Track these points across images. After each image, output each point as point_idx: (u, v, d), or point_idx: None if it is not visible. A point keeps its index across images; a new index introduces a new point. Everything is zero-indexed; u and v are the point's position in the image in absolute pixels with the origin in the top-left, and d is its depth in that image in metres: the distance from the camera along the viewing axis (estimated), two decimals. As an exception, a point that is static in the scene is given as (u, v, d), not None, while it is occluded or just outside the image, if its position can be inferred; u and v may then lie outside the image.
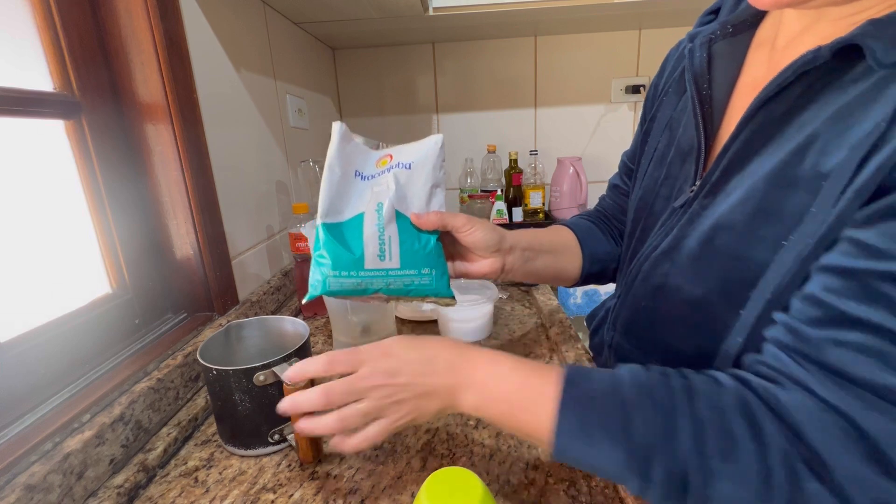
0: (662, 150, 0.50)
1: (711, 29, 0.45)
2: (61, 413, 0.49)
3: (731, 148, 0.39)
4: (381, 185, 0.49)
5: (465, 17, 1.22)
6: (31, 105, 0.54)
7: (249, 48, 0.95)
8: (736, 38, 0.44)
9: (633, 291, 0.50)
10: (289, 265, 1.07)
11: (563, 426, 0.35)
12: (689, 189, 0.44)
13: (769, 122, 0.37)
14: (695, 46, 0.45)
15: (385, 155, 0.51)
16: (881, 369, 0.27)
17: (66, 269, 0.59)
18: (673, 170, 0.48)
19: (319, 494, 0.47)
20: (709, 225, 0.40)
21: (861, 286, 0.28)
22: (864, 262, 0.28)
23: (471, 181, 1.62)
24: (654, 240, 0.48)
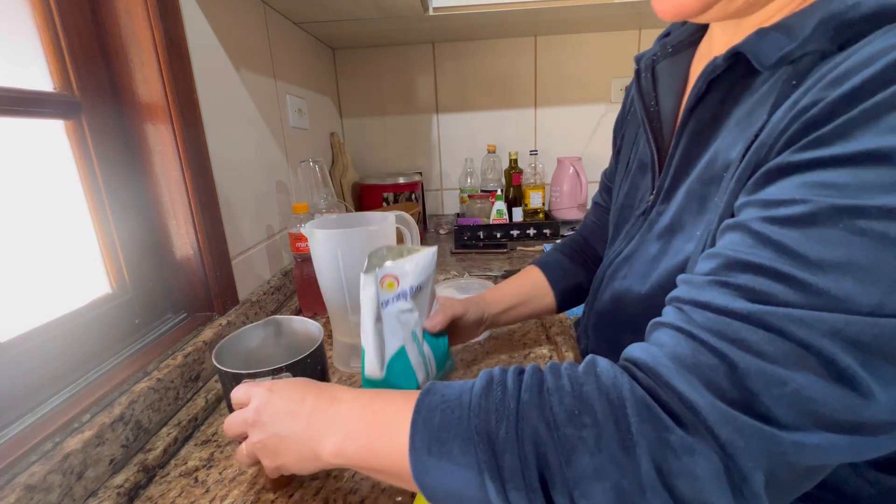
0: (630, 165, 0.55)
1: (653, 51, 0.49)
2: (61, 413, 0.49)
3: (675, 156, 0.42)
4: (405, 315, 0.53)
5: (465, 17, 1.22)
6: (31, 105, 0.54)
7: (249, 48, 0.95)
8: (676, 56, 0.48)
9: (599, 297, 0.53)
10: (289, 265, 1.07)
11: (416, 441, 0.32)
12: (648, 198, 0.47)
13: (700, 128, 0.40)
14: (641, 68, 0.49)
15: (387, 276, 0.51)
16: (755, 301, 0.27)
17: (66, 269, 0.59)
18: (636, 181, 0.52)
19: (319, 494, 0.47)
20: (662, 227, 0.43)
21: (751, 234, 0.28)
22: (752, 213, 0.29)
23: (471, 181, 1.62)
24: (619, 247, 0.51)
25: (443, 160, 1.70)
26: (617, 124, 0.63)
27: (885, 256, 0.24)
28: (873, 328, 0.24)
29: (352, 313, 0.69)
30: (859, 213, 0.24)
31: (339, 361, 0.72)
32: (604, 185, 0.69)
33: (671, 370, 0.28)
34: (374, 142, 1.69)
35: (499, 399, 0.31)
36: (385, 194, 1.47)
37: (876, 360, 0.24)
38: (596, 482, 0.27)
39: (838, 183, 0.25)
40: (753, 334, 0.26)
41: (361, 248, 0.65)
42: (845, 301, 0.24)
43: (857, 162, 0.24)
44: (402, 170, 1.68)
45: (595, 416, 0.28)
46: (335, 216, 0.77)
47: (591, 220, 0.72)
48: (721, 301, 0.28)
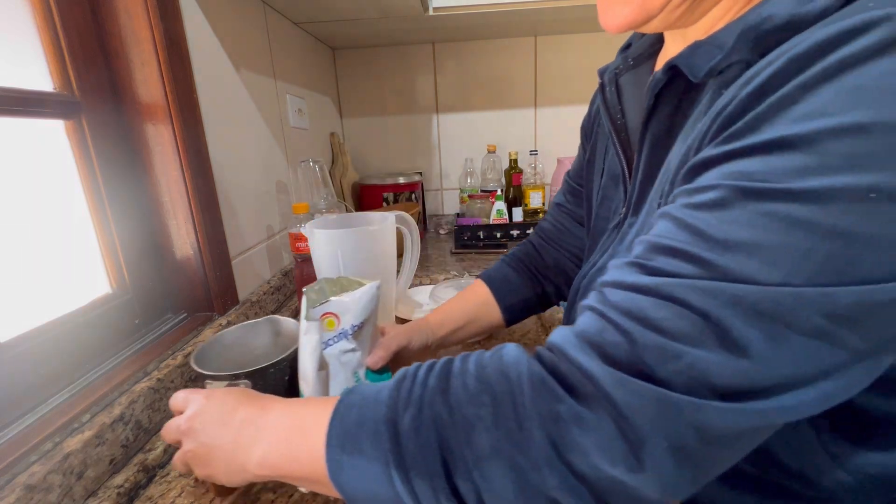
0: (602, 176, 0.54)
1: (616, 64, 0.49)
2: (61, 413, 0.49)
3: (639, 169, 0.43)
4: (347, 355, 0.50)
5: (465, 17, 1.22)
6: (31, 105, 0.54)
7: (249, 48, 0.95)
8: (638, 68, 0.48)
9: (574, 309, 0.52)
10: (289, 265, 1.07)
11: (331, 438, 0.32)
12: (621, 210, 0.47)
13: (656, 140, 0.41)
14: (605, 82, 0.49)
15: (326, 314, 0.49)
16: (664, 276, 0.27)
17: (66, 269, 0.59)
18: (608, 193, 0.52)
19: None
20: (630, 240, 0.43)
21: (672, 220, 0.29)
22: (680, 200, 0.30)
23: (471, 181, 1.62)
24: (594, 258, 0.51)
25: (443, 160, 1.70)
26: (584, 129, 0.63)
27: (788, 237, 0.24)
28: (771, 297, 0.24)
29: (352, 313, 0.69)
30: (766, 196, 0.25)
31: (339, 361, 0.72)
32: (568, 187, 0.68)
33: (574, 345, 0.29)
34: (374, 142, 1.69)
35: (407, 389, 0.32)
36: (385, 194, 1.47)
37: (776, 328, 0.25)
38: (494, 461, 0.27)
39: (748, 170, 0.26)
40: (657, 309, 0.27)
41: (361, 248, 0.65)
42: (750, 278, 0.25)
43: (766, 150, 0.26)
44: (402, 170, 1.68)
45: (493, 394, 0.29)
46: (335, 216, 0.77)
47: (547, 223, 0.70)
48: (632, 279, 0.29)
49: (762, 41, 0.30)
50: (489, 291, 0.66)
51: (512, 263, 0.69)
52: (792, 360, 0.25)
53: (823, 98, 0.24)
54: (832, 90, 0.24)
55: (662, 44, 0.47)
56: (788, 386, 0.25)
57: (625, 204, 0.46)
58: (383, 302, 0.71)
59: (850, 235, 0.23)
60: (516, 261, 0.69)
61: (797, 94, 0.25)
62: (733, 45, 0.31)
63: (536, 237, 0.70)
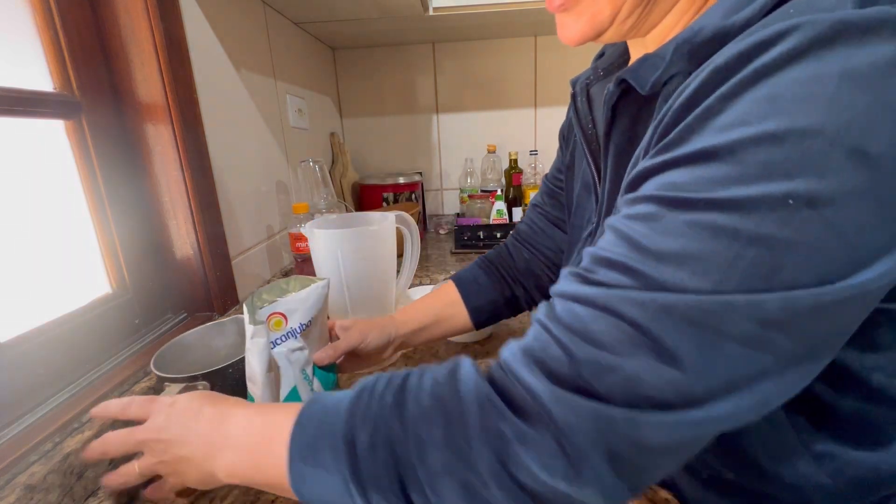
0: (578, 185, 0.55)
1: (587, 74, 0.49)
2: (61, 413, 0.49)
3: (606, 179, 0.43)
4: (295, 354, 0.51)
5: (465, 17, 1.22)
6: (31, 105, 0.54)
7: (249, 48, 0.95)
8: (607, 79, 0.48)
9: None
10: (289, 265, 1.07)
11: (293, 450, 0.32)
12: (593, 219, 0.48)
13: (620, 151, 0.41)
14: (576, 91, 0.49)
15: (273, 314, 0.49)
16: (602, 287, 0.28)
17: (66, 269, 0.59)
18: (581, 201, 0.53)
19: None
20: None
21: (613, 231, 0.30)
22: (623, 211, 0.30)
23: (471, 181, 1.62)
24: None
25: (443, 160, 1.70)
26: (563, 134, 0.62)
27: (714, 245, 0.25)
28: (702, 305, 0.25)
29: (352, 313, 0.69)
30: (691, 206, 0.26)
31: (339, 361, 0.72)
32: (546, 188, 0.67)
33: (520, 362, 0.30)
34: (374, 142, 1.69)
35: (365, 404, 0.32)
36: (385, 194, 1.47)
37: (706, 337, 0.25)
38: (445, 478, 0.28)
39: (677, 181, 0.27)
40: (595, 322, 0.27)
41: (361, 248, 0.65)
42: (680, 288, 0.26)
43: (692, 161, 0.26)
44: (402, 170, 1.68)
45: (446, 412, 0.30)
46: (335, 216, 0.77)
47: (524, 224, 0.69)
48: (574, 289, 0.30)
49: (696, 53, 0.31)
50: (458, 292, 0.66)
51: (483, 265, 0.68)
52: (724, 368, 0.25)
53: (742, 108, 0.25)
54: (749, 99, 0.25)
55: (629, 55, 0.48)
56: (723, 393, 0.26)
57: (596, 213, 0.47)
58: (383, 302, 0.71)
59: (772, 242, 0.24)
60: (488, 263, 0.69)
61: (719, 104, 0.26)
62: (670, 57, 0.32)
63: (512, 239, 0.70)
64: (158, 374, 0.49)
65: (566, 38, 0.40)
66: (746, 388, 0.25)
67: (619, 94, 0.38)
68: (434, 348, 0.76)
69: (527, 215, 0.70)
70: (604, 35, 0.38)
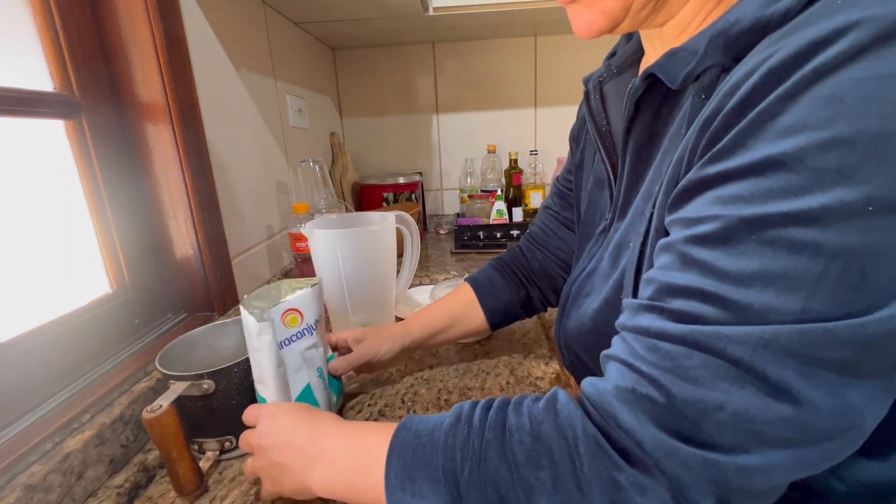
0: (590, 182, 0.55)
1: (600, 72, 0.50)
2: (61, 413, 0.49)
3: (623, 174, 0.43)
4: (310, 352, 0.52)
5: (465, 17, 1.22)
6: (31, 105, 0.54)
7: (249, 48, 0.95)
8: (621, 76, 0.48)
9: (566, 314, 0.53)
10: (289, 265, 1.07)
11: (390, 478, 0.33)
12: (607, 215, 0.48)
13: (639, 147, 0.41)
14: (589, 89, 0.50)
15: (289, 310, 0.49)
16: (687, 323, 0.27)
17: (66, 269, 0.59)
18: (594, 198, 0.53)
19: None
20: (613, 245, 0.44)
21: (678, 256, 0.29)
22: (678, 233, 0.30)
23: (471, 181, 1.62)
24: (582, 264, 0.51)
25: (443, 160, 1.70)
26: (573, 135, 0.63)
27: (798, 262, 0.24)
28: (801, 335, 0.24)
29: (352, 313, 0.69)
30: (766, 223, 0.25)
31: (339, 361, 0.72)
32: (556, 189, 0.67)
33: (615, 406, 0.29)
34: (374, 142, 1.69)
35: (464, 438, 0.32)
36: (385, 194, 1.47)
37: (809, 367, 0.24)
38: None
39: (744, 195, 0.26)
40: (688, 359, 0.27)
41: (361, 248, 0.65)
42: (769, 312, 0.25)
43: (756, 171, 0.25)
44: (402, 170, 1.68)
45: (552, 456, 0.29)
46: (335, 216, 0.77)
47: (536, 227, 0.69)
48: (656, 326, 0.29)
49: (732, 45, 0.30)
50: (473, 294, 0.66)
51: (498, 267, 0.69)
52: (831, 396, 0.24)
53: (804, 110, 0.24)
54: (811, 101, 0.24)
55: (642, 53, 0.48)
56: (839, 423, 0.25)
57: (611, 209, 0.47)
58: (383, 302, 0.71)
59: (857, 252, 0.23)
60: (503, 264, 0.69)
61: (777, 106, 0.25)
62: (705, 50, 0.31)
63: (525, 241, 0.70)
64: (163, 371, 0.49)
65: (580, 30, 0.39)
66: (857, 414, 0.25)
67: (645, 88, 0.38)
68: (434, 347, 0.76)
69: (538, 218, 0.70)
70: (620, 26, 0.38)
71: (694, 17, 0.37)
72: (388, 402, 0.62)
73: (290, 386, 0.49)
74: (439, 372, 0.68)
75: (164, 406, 0.44)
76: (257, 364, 0.47)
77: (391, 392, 0.64)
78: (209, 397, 0.49)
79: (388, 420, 0.57)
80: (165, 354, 0.52)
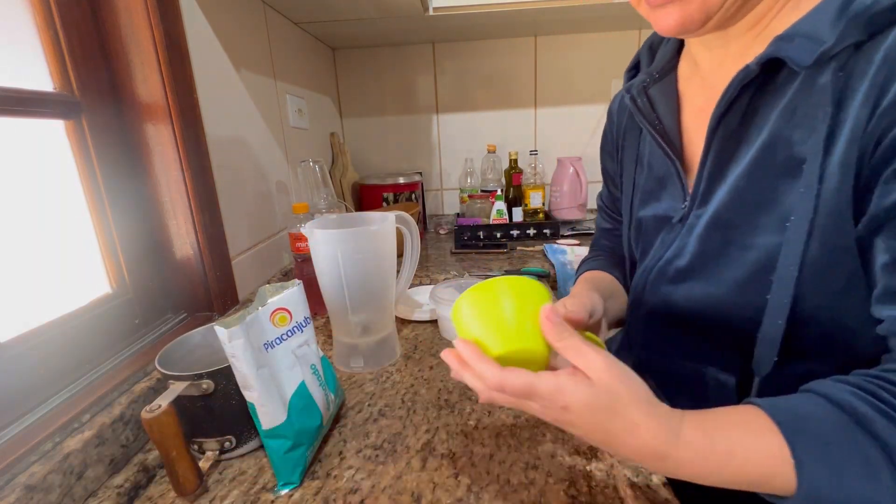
0: (643, 184, 0.58)
1: (641, 79, 0.54)
2: (61, 413, 0.49)
3: (707, 161, 0.46)
4: (303, 349, 0.51)
5: (465, 17, 1.22)
6: (31, 105, 0.54)
7: (249, 48, 0.95)
8: (663, 80, 0.54)
9: (643, 306, 0.55)
10: (289, 265, 1.07)
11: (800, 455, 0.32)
12: (681, 206, 0.51)
13: (730, 132, 0.45)
14: (634, 95, 0.54)
15: (277, 310, 0.49)
16: None
17: (66, 269, 0.59)
18: (656, 195, 0.55)
19: (319, 494, 0.47)
20: (703, 227, 0.47)
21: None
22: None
23: (471, 181, 1.62)
24: (656, 254, 0.54)
25: (443, 160, 1.70)
26: (606, 150, 0.67)
27: None
28: None
29: (352, 313, 0.69)
30: None
31: (340, 361, 0.72)
32: (605, 211, 0.72)
33: None
34: (374, 142, 1.69)
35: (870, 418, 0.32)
36: (385, 194, 1.47)
37: None
38: None
39: None
40: None
41: (361, 248, 0.65)
42: None
43: None
44: (402, 170, 1.68)
45: None
46: (335, 216, 0.77)
47: (606, 244, 0.73)
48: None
49: (873, 23, 0.34)
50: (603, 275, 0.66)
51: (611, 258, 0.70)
52: None
53: None
54: None
55: (678, 58, 0.54)
56: None
57: (686, 199, 0.50)
58: (383, 302, 0.71)
59: None
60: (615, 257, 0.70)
61: None
62: (843, 30, 0.35)
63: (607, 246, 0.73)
64: (163, 371, 0.49)
65: (669, 27, 0.42)
66: None
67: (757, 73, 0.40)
68: (434, 347, 0.76)
69: (602, 240, 0.74)
70: (706, 25, 0.42)
71: (758, 20, 0.42)
72: (388, 402, 0.62)
73: (283, 384, 0.49)
74: (439, 372, 0.68)
75: (163, 406, 0.44)
76: (238, 372, 0.46)
77: (391, 392, 0.64)
78: (209, 397, 0.49)
79: (388, 419, 0.57)
80: (165, 354, 0.52)
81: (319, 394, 0.53)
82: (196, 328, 0.57)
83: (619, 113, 0.64)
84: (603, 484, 0.46)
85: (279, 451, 0.47)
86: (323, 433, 0.53)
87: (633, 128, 0.60)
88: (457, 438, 0.54)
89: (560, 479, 0.47)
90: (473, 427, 0.55)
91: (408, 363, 0.71)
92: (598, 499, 0.44)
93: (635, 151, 0.60)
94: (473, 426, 0.56)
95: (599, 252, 0.73)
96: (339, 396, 0.59)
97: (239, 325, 0.44)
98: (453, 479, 0.47)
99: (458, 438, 0.54)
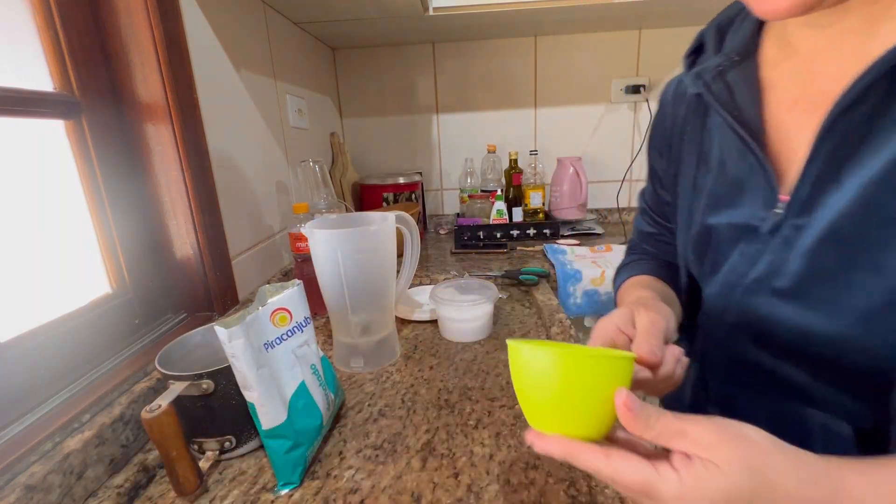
0: (711, 186, 0.49)
1: (715, 63, 0.46)
2: (61, 413, 0.49)
3: (815, 162, 0.38)
4: (303, 349, 0.51)
5: (465, 17, 1.22)
6: (31, 105, 0.54)
7: (249, 48, 0.95)
8: (742, 64, 0.45)
9: (721, 331, 0.47)
10: (289, 265, 1.07)
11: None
12: (770, 213, 0.42)
13: (852, 129, 0.36)
14: (708, 81, 0.46)
15: (278, 310, 0.49)
16: None
17: (66, 269, 0.59)
18: (733, 199, 0.47)
19: (319, 494, 0.47)
20: (812, 242, 0.39)
21: None
22: None
23: (471, 181, 1.62)
24: (737, 269, 0.46)
25: (443, 160, 1.70)
26: (657, 146, 0.58)
27: None
28: None
29: (352, 313, 0.69)
30: None
31: (340, 361, 0.72)
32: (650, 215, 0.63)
33: None
34: (374, 142, 1.69)
35: None
36: (385, 194, 1.47)
37: None
38: None
39: None
40: None
41: (361, 248, 0.65)
42: None
43: None
44: (402, 170, 1.68)
45: None
46: (335, 216, 0.77)
47: (650, 249, 0.65)
48: None
49: None
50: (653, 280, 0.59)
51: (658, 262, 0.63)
52: None
53: None
54: None
55: (757, 41, 0.45)
56: None
57: (776, 205, 0.42)
58: (383, 302, 0.71)
59: None
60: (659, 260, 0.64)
61: None
62: None
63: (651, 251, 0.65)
64: (163, 371, 0.49)
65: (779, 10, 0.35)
66: None
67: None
68: (434, 347, 0.76)
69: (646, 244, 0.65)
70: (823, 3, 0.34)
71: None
72: (388, 402, 0.62)
73: (283, 384, 0.49)
74: (439, 372, 0.68)
75: (163, 406, 0.44)
76: (238, 372, 0.46)
77: (391, 392, 0.64)
78: (209, 397, 0.49)
79: (388, 419, 0.57)
80: (165, 354, 0.52)
81: (319, 394, 0.53)
82: (196, 328, 0.57)
83: (674, 103, 0.55)
84: (603, 484, 0.46)
85: (279, 451, 0.47)
86: (323, 433, 0.53)
87: (694, 121, 0.51)
88: (457, 438, 0.54)
89: (560, 479, 0.47)
90: (473, 427, 0.55)
91: (408, 363, 0.71)
92: (598, 499, 0.44)
93: (697, 148, 0.51)
94: (473, 426, 0.56)
95: (642, 256, 0.65)
96: (339, 396, 0.59)
97: (239, 325, 0.44)
98: (453, 479, 0.47)
99: (458, 438, 0.54)
